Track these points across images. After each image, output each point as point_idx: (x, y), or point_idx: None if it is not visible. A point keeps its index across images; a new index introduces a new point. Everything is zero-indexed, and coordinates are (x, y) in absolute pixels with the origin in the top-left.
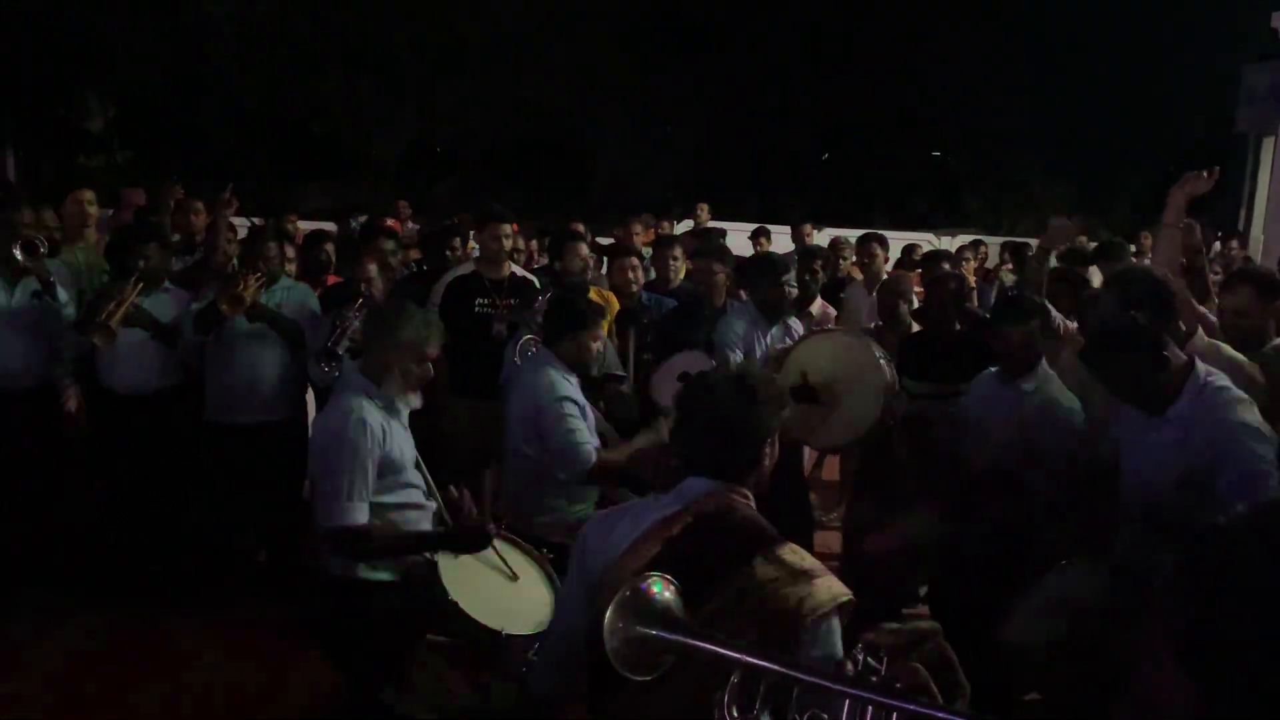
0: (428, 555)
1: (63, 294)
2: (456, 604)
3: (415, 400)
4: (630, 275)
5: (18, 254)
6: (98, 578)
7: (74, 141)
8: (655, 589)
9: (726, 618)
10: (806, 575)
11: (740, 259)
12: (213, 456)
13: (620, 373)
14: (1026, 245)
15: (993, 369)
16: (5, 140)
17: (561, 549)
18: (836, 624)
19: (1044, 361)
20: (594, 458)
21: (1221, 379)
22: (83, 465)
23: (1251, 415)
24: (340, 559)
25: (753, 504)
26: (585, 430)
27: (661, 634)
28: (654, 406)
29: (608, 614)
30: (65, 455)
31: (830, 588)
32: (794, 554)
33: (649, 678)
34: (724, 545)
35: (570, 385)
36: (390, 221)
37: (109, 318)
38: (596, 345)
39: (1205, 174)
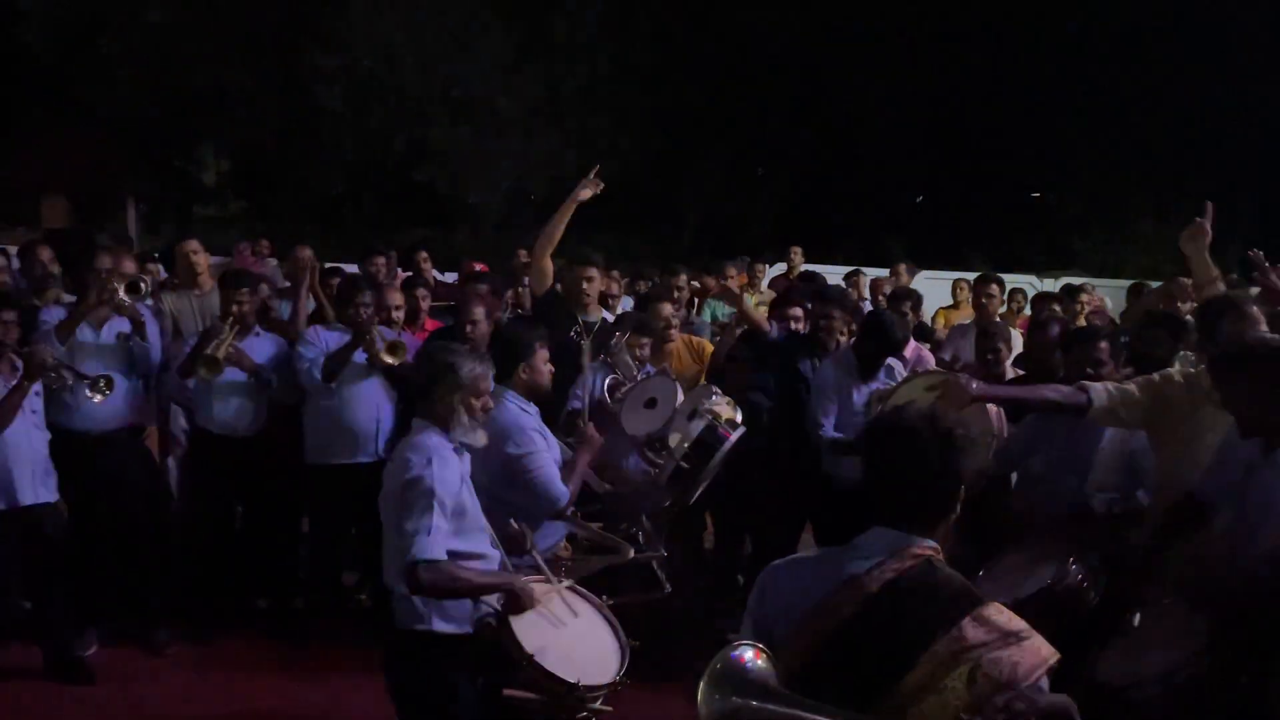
0: (498, 605)
1: (153, 333)
2: (531, 657)
3: (482, 437)
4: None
5: (122, 295)
6: (205, 613)
7: (190, 193)
8: (747, 658)
9: (936, 686)
10: (1016, 636)
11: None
12: (316, 498)
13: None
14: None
15: None
16: (127, 192)
17: None
18: (1044, 684)
19: None
20: (566, 494)
21: None
22: (180, 504)
23: None
24: (417, 596)
25: (942, 556)
26: (552, 464)
27: (755, 703)
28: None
29: (701, 686)
30: (161, 495)
31: (1039, 650)
32: (1000, 614)
33: None
34: (930, 607)
35: (530, 417)
36: (479, 265)
37: (215, 350)
38: (544, 365)
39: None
